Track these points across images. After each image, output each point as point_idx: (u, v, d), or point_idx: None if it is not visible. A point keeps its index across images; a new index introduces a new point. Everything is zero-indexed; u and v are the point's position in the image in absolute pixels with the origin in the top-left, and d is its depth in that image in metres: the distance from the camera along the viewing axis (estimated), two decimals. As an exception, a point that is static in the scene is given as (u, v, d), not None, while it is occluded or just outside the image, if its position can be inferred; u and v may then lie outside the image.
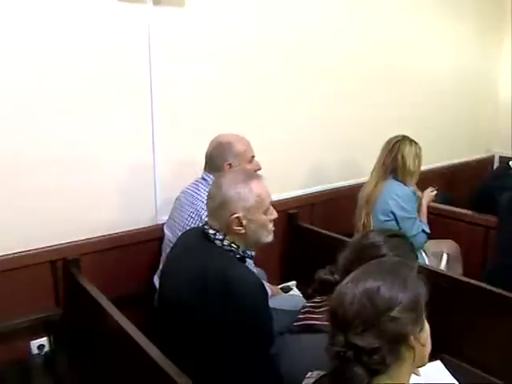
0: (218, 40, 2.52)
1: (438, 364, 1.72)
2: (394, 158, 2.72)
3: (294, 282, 2.66)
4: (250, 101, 2.72)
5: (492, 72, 4.80)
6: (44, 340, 2.16)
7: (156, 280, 2.23)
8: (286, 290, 2.59)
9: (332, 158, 3.27)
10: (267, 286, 2.18)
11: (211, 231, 1.65)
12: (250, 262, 1.74)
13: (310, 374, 1.22)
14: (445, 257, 2.87)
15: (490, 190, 3.09)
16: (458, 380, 1.68)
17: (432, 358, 1.21)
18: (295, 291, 2.58)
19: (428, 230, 2.77)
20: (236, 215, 1.62)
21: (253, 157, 2.23)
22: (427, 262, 2.75)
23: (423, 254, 2.80)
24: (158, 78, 2.32)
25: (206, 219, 1.74)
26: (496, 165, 4.95)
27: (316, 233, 2.80)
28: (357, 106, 3.35)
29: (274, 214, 1.75)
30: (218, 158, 2.17)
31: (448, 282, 2.17)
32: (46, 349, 2.16)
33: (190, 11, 2.39)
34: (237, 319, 1.51)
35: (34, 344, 2.14)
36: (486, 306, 2.06)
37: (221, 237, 1.64)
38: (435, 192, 2.96)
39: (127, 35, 2.21)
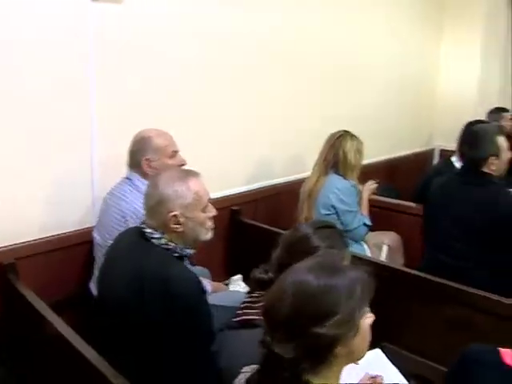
0: (157, 36, 2.49)
1: (377, 352, 1.76)
2: (336, 153, 2.76)
3: (239, 276, 2.64)
4: (192, 97, 2.70)
5: (431, 67, 4.98)
6: (-22, 349, 2.07)
7: (92, 286, 2.17)
8: (226, 283, 2.58)
9: (275, 154, 3.30)
10: (207, 282, 2.17)
11: (148, 230, 1.63)
12: (186, 261, 1.73)
13: (246, 368, 1.22)
14: (385, 248, 2.94)
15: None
16: (397, 366, 1.73)
17: (372, 346, 1.23)
18: (240, 284, 2.55)
19: (369, 223, 2.82)
20: (173, 213, 1.61)
21: (175, 152, 2.13)
22: (368, 253, 2.81)
23: (364, 246, 2.85)
24: (97, 74, 2.26)
25: (139, 220, 1.71)
26: (436, 157, 5.13)
27: (259, 228, 2.81)
28: (297, 104, 3.38)
29: (213, 212, 1.75)
30: (137, 153, 2.10)
31: (389, 272, 2.22)
32: (-19, 358, 2.08)
33: (128, 7, 2.34)
34: (175, 318, 1.51)
35: (-32, 354, 2.06)
36: (424, 295, 2.14)
37: (158, 235, 1.62)
38: (375, 185, 3.01)
39: (66, 31, 2.15)
